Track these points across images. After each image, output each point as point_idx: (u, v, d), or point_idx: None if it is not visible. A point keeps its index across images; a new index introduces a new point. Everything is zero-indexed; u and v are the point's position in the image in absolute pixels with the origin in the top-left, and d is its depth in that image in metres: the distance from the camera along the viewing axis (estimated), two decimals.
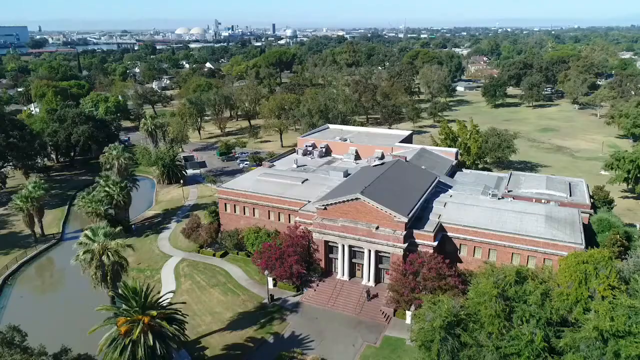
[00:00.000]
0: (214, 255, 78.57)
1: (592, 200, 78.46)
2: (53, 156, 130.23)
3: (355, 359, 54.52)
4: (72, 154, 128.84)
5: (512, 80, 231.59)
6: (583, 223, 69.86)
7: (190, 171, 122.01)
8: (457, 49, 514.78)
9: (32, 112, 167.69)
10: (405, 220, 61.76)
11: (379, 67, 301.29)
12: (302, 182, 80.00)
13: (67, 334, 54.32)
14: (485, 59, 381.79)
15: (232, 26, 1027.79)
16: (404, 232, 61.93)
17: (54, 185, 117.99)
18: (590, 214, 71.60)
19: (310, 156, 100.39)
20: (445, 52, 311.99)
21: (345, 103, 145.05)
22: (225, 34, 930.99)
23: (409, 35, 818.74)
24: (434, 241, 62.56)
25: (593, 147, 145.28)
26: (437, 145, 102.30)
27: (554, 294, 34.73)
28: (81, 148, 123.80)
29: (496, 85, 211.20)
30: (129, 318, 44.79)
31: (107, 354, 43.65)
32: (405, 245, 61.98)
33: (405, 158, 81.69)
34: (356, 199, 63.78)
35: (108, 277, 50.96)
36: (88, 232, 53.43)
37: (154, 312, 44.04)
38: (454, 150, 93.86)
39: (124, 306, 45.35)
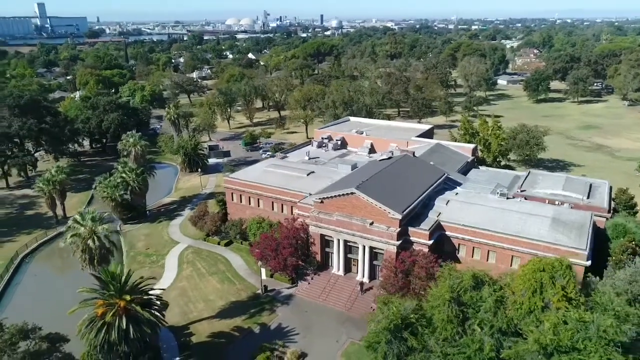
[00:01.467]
0: (218, 243, 79.76)
1: (613, 203, 73.77)
2: (86, 142, 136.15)
3: (336, 355, 53.90)
4: (104, 140, 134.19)
5: (557, 74, 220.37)
6: (599, 228, 66.23)
7: (212, 160, 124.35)
8: (507, 41, 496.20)
9: (76, 99, 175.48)
10: (399, 216, 60.18)
11: (421, 59, 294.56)
12: (308, 175, 79.57)
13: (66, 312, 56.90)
14: (535, 51, 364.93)
15: (280, 17, 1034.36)
16: (398, 229, 60.38)
17: (84, 170, 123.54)
18: (608, 219, 67.27)
19: (324, 148, 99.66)
20: (489, 44, 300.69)
21: (372, 95, 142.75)
22: (273, 24, 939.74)
23: (459, 27, 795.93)
24: (429, 240, 60.67)
25: (637, 147, 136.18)
26: (455, 141, 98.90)
27: (509, 301, 32.72)
28: (112, 135, 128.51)
29: (539, 79, 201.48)
30: (107, 301, 46.20)
31: (84, 335, 45.22)
32: (399, 242, 60.42)
33: (414, 153, 79.50)
34: (351, 193, 62.77)
35: (95, 261, 52.77)
36: (77, 217, 55.54)
37: (128, 297, 45.15)
38: (471, 146, 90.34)
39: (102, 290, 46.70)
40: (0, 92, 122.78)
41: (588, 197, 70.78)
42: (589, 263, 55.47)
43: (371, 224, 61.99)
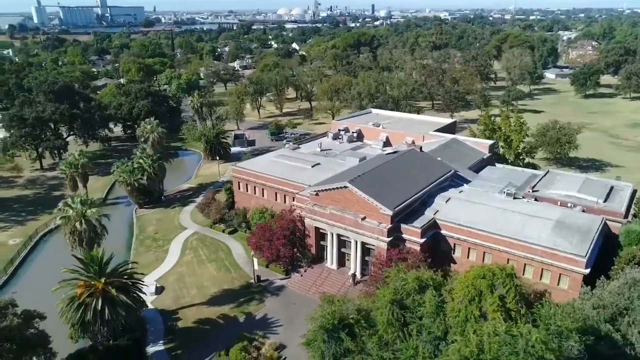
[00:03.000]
0: (223, 231, 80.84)
1: (635, 209, 68.57)
2: (119, 128, 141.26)
3: None
4: (135, 126, 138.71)
5: (609, 68, 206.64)
6: (614, 234, 61.96)
7: (236, 148, 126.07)
8: (565, 32, 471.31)
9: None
10: (391, 213, 58.62)
11: (466, 50, 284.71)
12: (313, 167, 78.92)
13: None
14: (594, 43, 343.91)
15: (331, 7, 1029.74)
16: (389, 226, 58.88)
17: (114, 154, 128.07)
18: (624, 224, 62.65)
19: (339, 140, 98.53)
20: (538, 35, 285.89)
21: (399, 87, 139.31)
22: (323, 14, 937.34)
23: (516, 17, 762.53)
24: (421, 238, 58.79)
25: None
26: (474, 137, 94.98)
27: (448, 308, 30.87)
28: (142, 121, 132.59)
29: (588, 73, 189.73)
30: (87, 282, 47.90)
31: (64, 313, 47.09)
32: (389, 239, 58.92)
33: (421, 148, 77.07)
34: (344, 187, 61.75)
35: (84, 243, 54.78)
36: (68, 200, 57.74)
37: (103, 279, 46.55)
38: (489, 142, 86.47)
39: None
40: (40, 77, 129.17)
41: (605, 201, 66.14)
42: (587, 271, 51.98)
43: (363, 218, 60.80)
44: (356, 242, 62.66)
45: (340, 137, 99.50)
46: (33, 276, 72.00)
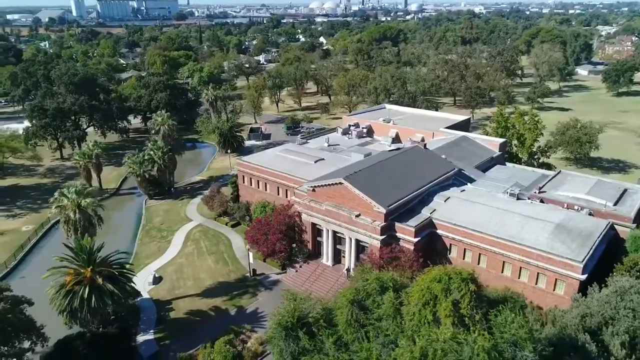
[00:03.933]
0: (226, 224, 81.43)
1: None
2: (138, 119, 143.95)
3: None
4: None
5: None
6: (622, 239, 59.22)
7: (251, 142, 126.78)
8: (605, 27, 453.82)
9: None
10: (384, 210, 57.65)
11: (494, 45, 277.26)
12: (315, 162, 78.43)
13: None
14: (634, 38, 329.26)
15: (363, 0, 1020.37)
16: (383, 224, 57.95)
17: (132, 145, 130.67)
18: (632, 229, 59.77)
19: (348, 136, 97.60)
20: (571, 31, 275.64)
21: (417, 83, 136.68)
22: (355, 8, 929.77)
23: (555, 11, 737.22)
24: (415, 237, 57.61)
25: None
26: (487, 134, 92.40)
27: (404, 311, 29.90)
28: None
29: (620, 70, 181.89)
30: (76, 270, 49.04)
31: (53, 299, 48.37)
32: (383, 237, 58.00)
33: (425, 145, 75.42)
34: (339, 183, 61.10)
35: (79, 232, 56.06)
36: (64, 190, 59.11)
37: (89, 268, 47.50)
38: (500, 140, 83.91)
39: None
40: (62, 69, 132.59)
41: (615, 204, 63.15)
42: (583, 277, 49.79)
43: (357, 216, 60.03)
44: (350, 239, 61.98)
45: (349, 132, 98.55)
46: (42, 262, 74.04)
